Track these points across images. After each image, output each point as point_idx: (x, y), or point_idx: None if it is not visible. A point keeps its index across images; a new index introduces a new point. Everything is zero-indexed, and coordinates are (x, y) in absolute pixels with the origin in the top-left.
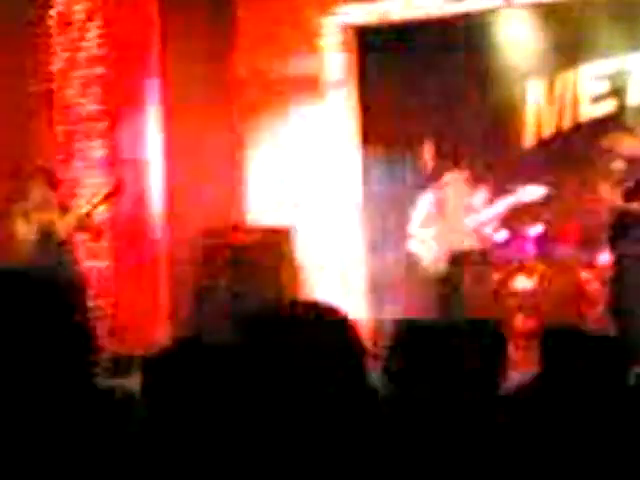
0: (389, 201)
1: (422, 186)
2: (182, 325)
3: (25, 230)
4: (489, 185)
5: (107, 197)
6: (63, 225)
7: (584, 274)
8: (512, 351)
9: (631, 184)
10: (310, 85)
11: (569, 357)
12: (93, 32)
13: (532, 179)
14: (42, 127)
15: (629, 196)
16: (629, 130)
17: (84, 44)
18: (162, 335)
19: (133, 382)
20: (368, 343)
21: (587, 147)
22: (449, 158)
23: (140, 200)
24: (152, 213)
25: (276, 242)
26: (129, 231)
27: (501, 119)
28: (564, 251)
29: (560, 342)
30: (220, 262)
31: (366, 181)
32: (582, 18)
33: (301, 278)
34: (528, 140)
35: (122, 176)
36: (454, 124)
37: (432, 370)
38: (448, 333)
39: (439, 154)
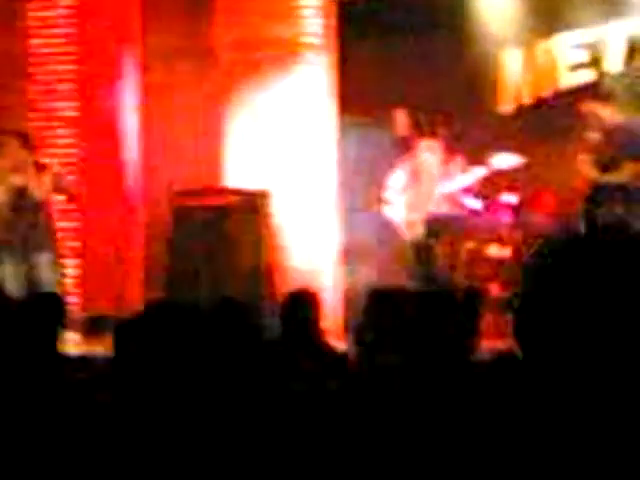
0: (365, 167)
1: (398, 153)
2: (155, 285)
3: (0, 194)
4: (465, 152)
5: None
6: (38, 186)
7: None
8: (485, 320)
9: (606, 156)
10: (289, 50)
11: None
12: None
13: (509, 147)
14: (18, 87)
15: (605, 168)
16: (606, 99)
17: (62, 3)
18: (134, 296)
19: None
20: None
21: (565, 116)
22: (424, 125)
23: (116, 167)
24: (128, 177)
25: (252, 205)
26: (103, 193)
27: (479, 86)
28: (539, 220)
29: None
30: (194, 224)
31: (342, 147)
32: None
33: (277, 242)
34: (506, 108)
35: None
36: (431, 91)
37: (404, 338)
38: (422, 302)
39: (414, 121)
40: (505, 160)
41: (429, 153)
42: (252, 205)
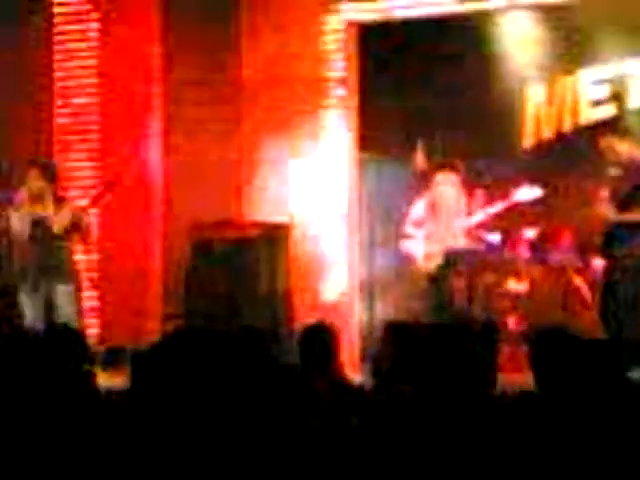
0: (385, 201)
1: (417, 187)
2: (173, 317)
3: (18, 223)
4: (485, 186)
5: (104, 193)
6: (57, 218)
7: (577, 279)
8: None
9: (625, 193)
10: (313, 88)
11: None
12: (94, 25)
13: (529, 181)
14: (41, 118)
15: (623, 205)
16: (626, 134)
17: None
18: (152, 328)
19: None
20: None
21: (585, 151)
22: (442, 158)
23: (136, 198)
24: (148, 209)
25: (272, 237)
26: (122, 224)
27: (501, 121)
28: (558, 255)
29: (551, 345)
30: (213, 256)
31: (363, 181)
32: (583, 22)
33: (297, 275)
34: (527, 142)
35: (119, 172)
36: (454, 125)
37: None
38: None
39: (433, 155)
40: (526, 193)
41: (447, 186)
42: (271, 237)
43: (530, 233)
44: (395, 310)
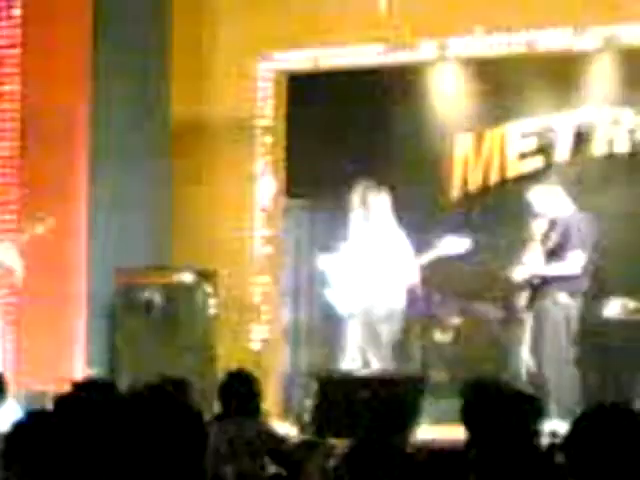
0: (310, 248)
1: (343, 234)
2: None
3: None
4: (412, 237)
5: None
6: None
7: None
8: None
9: (551, 245)
10: (241, 129)
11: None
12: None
13: (456, 233)
14: None
15: (550, 256)
16: (553, 187)
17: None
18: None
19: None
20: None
21: (512, 204)
22: (372, 208)
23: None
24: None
25: (199, 284)
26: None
27: (428, 172)
28: (482, 307)
29: (477, 396)
30: (139, 302)
31: (290, 227)
32: (512, 75)
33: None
34: (454, 193)
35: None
36: (382, 174)
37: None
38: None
39: (365, 200)
40: (452, 245)
41: (384, 236)
42: (199, 284)
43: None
44: (320, 359)
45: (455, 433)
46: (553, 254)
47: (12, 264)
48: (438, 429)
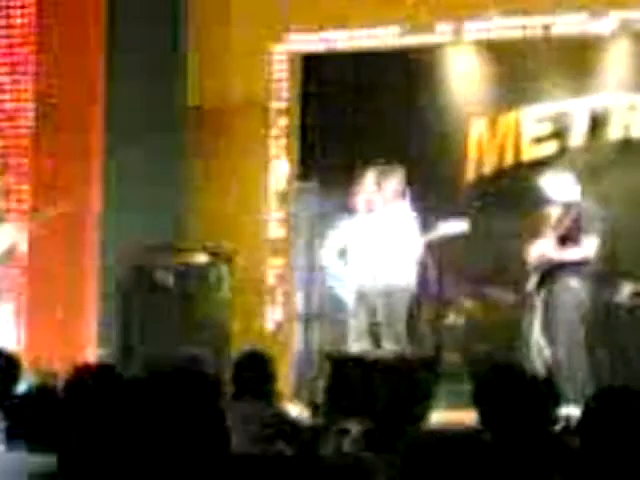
0: (326, 228)
1: (356, 215)
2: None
3: None
4: (423, 218)
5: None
6: None
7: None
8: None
9: (564, 231)
10: (256, 112)
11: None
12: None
13: (469, 215)
14: None
15: (562, 241)
16: (567, 172)
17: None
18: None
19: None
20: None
21: (525, 188)
22: (392, 189)
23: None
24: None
25: (214, 264)
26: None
27: (442, 155)
28: (494, 290)
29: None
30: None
31: (304, 208)
32: (529, 59)
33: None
34: (468, 176)
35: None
36: (397, 156)
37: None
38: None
39: (380, 183)
40: (452, 226)
41: (397, 218)
42: (213, 265)
43: (467, 267)
44: (333, 340)
45: (466, 417)
46: (566, 239)
47: (24, 244)
48: (449, 414)
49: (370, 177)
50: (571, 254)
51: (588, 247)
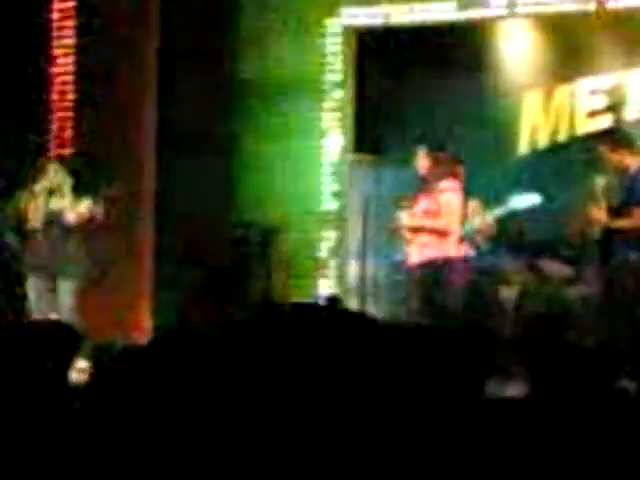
0: (380, 204)
1: (417, 191)
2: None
3: (32, 215)
4: (480, 193)
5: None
6: (73, 212)
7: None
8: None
9: (617, 201)
10: (310, 86)
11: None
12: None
13: (524, 189)
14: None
15: (616, 212)
16: (622, 145)
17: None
18: (142, 324)
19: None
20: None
21: (580, 160)
22: (444, 165)
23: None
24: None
25: (267, 239)
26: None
27: (497, 128)
28: (548, 264)
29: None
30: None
31: (358, 183)
32: (582, 32)
33: (290, 277)
34: (522, 149)
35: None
36: (451, 131)
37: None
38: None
39: (434, 161)
40: (523, 200)
41: (451, 193)
42: (265, 238)
43: (521, 241)
44: (387, 315)
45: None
46: (619, 211)
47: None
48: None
49: (422, 153)
50: (624, 225)
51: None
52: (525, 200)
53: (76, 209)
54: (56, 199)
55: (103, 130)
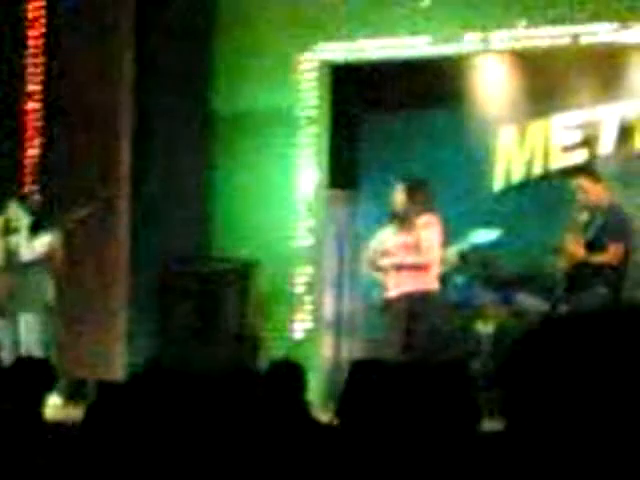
0: (355, 238)
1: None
2: (138, 351)
3: None
4: (454, 229)
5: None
6: (30, 248)
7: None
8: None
9: (592, 237)
10: (284, 120)
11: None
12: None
13: (498, 224)
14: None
15: (590, 247)
16: (596, 180)
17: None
18: (117, 361)
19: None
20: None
21: (554, 195)
22: (421, 201)
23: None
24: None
25: (240, 273)
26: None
27: (471, 163)
28: (523, 298)
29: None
30: (182, 291)
31: (333, 218)
32: (556, 68)
33: (267, 311)
34: (497, 184)
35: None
36: (421, 165)
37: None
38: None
39: (411, 197)
40: (484, 235)
41: (431, 229)
42: (241, 273)
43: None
44: (362, 349)
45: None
46: (593, 245)
47: (55, 252)
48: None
49: (400, 188)
50: (598, 260)
51: (614, 253)
52: (486, 235)
53: (32, 246)
54: (14, 236)
55: (74, 160)
